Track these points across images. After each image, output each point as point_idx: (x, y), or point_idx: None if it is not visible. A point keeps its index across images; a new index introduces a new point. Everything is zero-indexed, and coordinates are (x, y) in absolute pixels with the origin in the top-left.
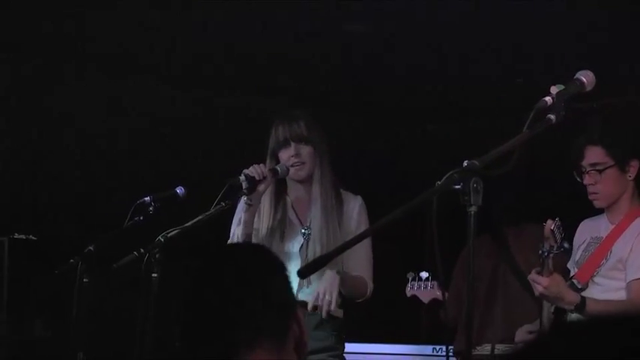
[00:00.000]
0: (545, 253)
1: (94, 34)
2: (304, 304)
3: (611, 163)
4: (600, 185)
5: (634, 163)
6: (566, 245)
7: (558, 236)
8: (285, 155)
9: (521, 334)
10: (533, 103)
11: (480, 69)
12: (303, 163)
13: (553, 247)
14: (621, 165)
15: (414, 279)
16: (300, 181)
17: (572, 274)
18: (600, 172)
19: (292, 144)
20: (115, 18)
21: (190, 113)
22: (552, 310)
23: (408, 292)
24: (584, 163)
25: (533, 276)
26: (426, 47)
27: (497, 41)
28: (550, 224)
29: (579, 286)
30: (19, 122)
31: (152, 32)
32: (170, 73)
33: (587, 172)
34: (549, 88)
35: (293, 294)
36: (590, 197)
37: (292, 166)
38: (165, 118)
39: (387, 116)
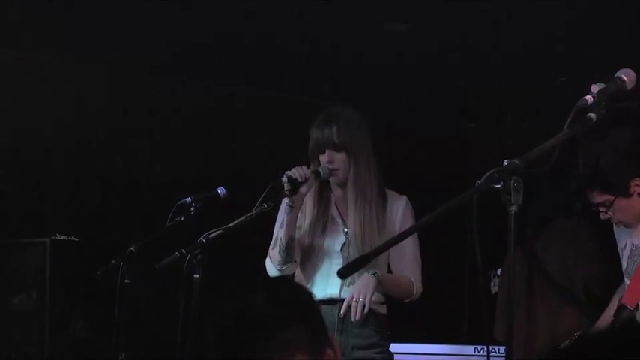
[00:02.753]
0: None
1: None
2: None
3: (611, 198)
4: (616, 216)
5: (634, 183)
6: None
7: None
8: (323, 160)
9: None
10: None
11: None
12: (337, 169)
13: None
14: (622, 194)
15: (494, 275)
16: (339, 184)
17: (626, 281)
18: (608, 207)
19: (326, 151)
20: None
21: (232, 113)
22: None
23: (493, 289)
24: (593, 202)
25: None
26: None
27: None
28: None
29: (632, 309)
30: (61, 125)
31: (189, 33)
32: (209, 72)
33: (599, 210)
34: (589, 87)
35: (324, 322)
36: (617, 226)
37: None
38: (206, 118)
39: (426, 114)
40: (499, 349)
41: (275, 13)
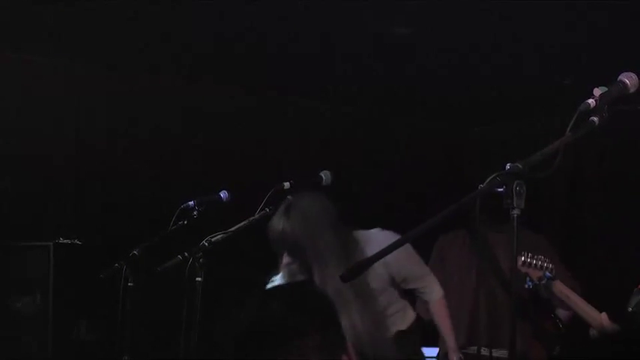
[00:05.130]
0: (530, 286)
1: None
2: None
3: None
4: None
5: None
6: (548, 274)
7: (539, 265)
8: None
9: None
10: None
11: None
12: None
13: (540, 278)
14: None
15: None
16: None
17: None
18: None
19: None
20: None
21: (235, 116)
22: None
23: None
24: None
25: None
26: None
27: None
28: (519, 262)
29: None
30: (64, 127)
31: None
32: (216, 74)
33: None
34: (592, 91)
35: (341, 328)
36: None
37: None
38: (209, 120)
39: (435, 118)
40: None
41: (276, 14)
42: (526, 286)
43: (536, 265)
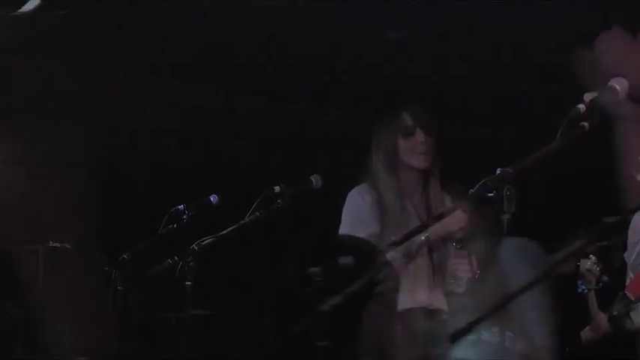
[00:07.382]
0: (585, 290)
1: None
2: None
3: None
4: None
5: None
6: (605, 279)
7: (596, 272)
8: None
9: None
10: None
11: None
12: None
13: (591, 282)
14: None
15: None
16: None
17: (627, 280)
18: None
19: None
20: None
21: (227, 121)
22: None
23: None
24: None
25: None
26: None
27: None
28: (585, 264)
29: (633, 300)
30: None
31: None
32: (207, 78)
33: None
34: (583, 96)
35: None
36: None
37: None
38: (200, 126)
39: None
40: None
41: (275, 15)
42: (579, 290)
43: (595, 271)
